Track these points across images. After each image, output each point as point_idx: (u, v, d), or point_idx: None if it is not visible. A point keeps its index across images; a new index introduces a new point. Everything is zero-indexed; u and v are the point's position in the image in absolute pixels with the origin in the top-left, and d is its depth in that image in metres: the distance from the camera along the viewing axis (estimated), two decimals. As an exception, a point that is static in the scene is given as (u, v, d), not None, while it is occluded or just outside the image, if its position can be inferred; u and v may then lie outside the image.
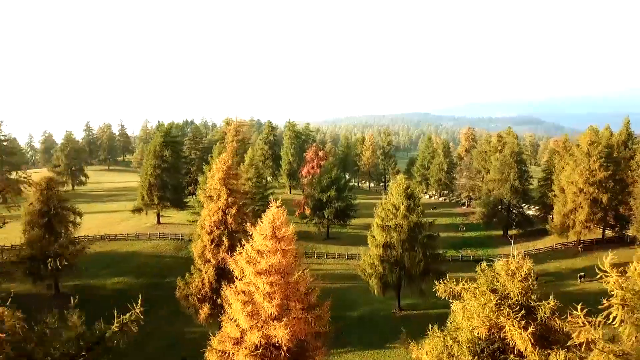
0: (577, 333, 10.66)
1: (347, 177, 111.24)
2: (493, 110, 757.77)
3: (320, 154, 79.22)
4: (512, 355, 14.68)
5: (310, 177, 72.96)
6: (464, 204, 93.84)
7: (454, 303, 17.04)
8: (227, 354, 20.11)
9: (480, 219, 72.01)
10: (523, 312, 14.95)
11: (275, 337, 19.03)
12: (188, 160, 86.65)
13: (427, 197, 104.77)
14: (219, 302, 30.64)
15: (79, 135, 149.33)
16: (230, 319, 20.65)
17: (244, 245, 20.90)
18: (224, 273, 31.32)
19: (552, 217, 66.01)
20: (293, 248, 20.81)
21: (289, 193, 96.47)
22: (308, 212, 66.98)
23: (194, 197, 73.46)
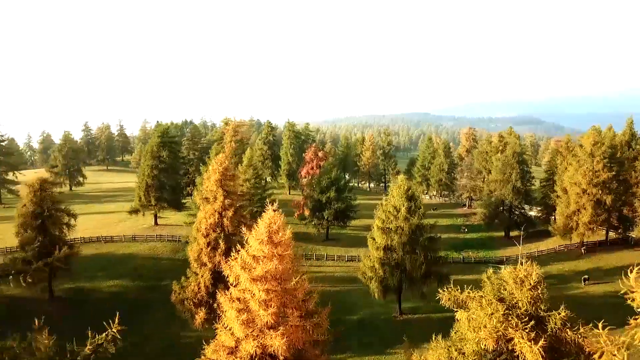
0: (598, 354, 9.80)
1: (346, 177, 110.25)
2: (493, 110, 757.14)
3: (320, 154, 78.37)
4: (521, 370, 13.87)
5: (310, 177, 72.11)
6: (465, 205, 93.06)
7: (459, 312, 16.27)
8: (221, 364, 19.32)
9: (482, 220, 71.24)
10: (532, 323, 14.18)
11: (272, 346, 18.24)
12: (186, 161, 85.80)
13: (427, 197, 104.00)
14: (216, 306, 29.80)
15: (78, 136, 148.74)
16: (225, 327, 19.84)
17: (239, 251, 20.11)
18: (221, 277, 30.31)
19: (554, 218, 65.18)
20: (290, 253, 19.99)
21: (289, 194, 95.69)
22: (307, 213, 66.10)
23: (192, 198, 72.56)
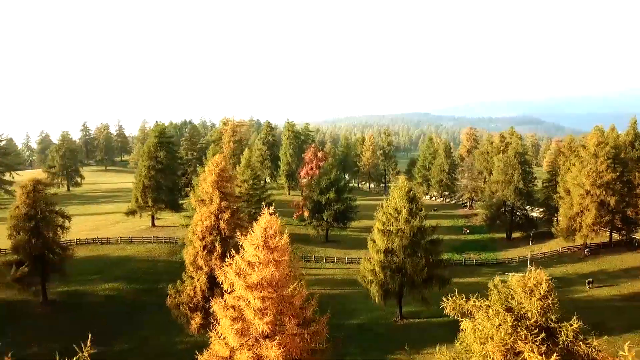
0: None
1: (346, 178, 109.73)
2: (493, 110, 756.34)
3: (320, 155, 77.50)
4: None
5: (309, 178, 71.27)
6: (466, 206, 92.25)
7: (464, 322, 15.43)
8: (214, 375, 18.50)
9: (483, 221, 70.48)
10: (543, 335, 13.37)
11: (268, 357, 17.41)
12: (185, 161, 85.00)
13: (428, 198, 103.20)
14: (212, 311, 29.03)
15: (76, 136, 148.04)
16: (219, 336, 19.03)
17: (234, 256, 19.27)
18: (217, 281, 29.58)
19: (557, 219, 64.34)
20: (287, 259, 19.16)
21: (288, 194, 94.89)
22: (307, 214, 65.29)
23: (188, 199, 71.80)
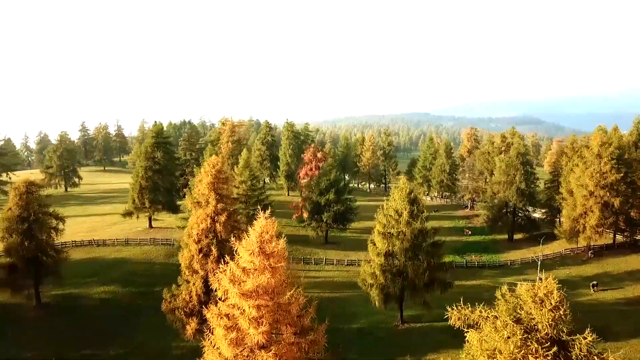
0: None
1: (346, 178, 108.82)
2: (493, 110, 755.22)
3: (319, 155, 76.63)
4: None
5: (309, 179, 70.42)
6: (467, 206, 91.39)
7: (470, 332, 14.63)
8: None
9: (485, 223, 69.65)
10: (555, 348, 12.57)
11: (263, 368, 16.60)
12: (183, 162, 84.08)
13: (429, 199, 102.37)
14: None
15: (75, 136, 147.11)
16: (212, 346, 18.19)
17: (228, 262, 18.44)
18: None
19: (559, 220, 63.53)
20: (284, 265, 18.33)
21: (287, 195, 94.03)
22: (306, 215, 64.41)
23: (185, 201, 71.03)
